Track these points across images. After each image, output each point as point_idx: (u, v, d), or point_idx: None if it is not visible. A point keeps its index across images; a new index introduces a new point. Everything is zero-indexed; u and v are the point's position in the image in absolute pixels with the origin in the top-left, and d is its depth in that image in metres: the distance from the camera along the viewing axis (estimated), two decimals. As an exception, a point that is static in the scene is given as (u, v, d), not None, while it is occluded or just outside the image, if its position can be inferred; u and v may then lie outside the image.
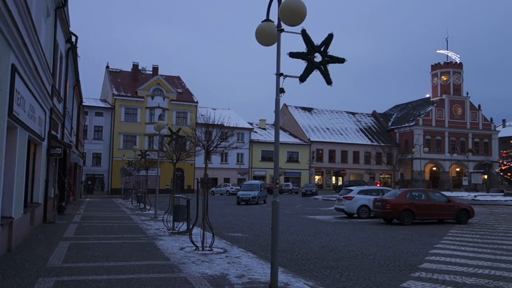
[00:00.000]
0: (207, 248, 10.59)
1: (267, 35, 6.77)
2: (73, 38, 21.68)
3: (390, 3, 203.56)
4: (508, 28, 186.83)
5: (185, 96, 61.33)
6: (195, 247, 10.73)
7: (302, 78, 6.78)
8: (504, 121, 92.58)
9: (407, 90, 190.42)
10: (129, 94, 57.65)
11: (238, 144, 52.08)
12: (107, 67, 63.10)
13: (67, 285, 7.07)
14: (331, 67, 6.97)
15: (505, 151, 63.33)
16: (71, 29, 21.20)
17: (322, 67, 6.86)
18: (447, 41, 79.82)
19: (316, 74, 7.04)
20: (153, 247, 11.21)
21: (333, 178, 71.21)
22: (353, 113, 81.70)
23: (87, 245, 11.49)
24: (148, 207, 24.95)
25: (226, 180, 61.49)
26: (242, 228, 17.07)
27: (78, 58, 24.86)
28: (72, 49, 22.23)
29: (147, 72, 64.59)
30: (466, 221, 18.96)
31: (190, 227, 12.25)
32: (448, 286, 7.59)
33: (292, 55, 6.86)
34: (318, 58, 6.91)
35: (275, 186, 6.85)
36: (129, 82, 60.72)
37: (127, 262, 9.16)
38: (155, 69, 63.10)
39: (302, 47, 6.97)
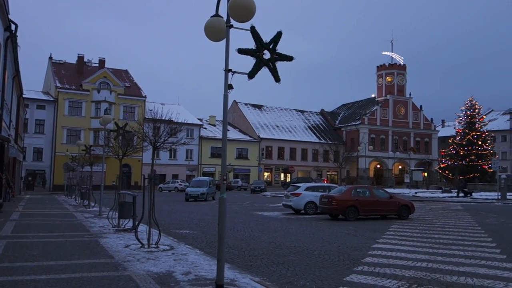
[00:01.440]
0: (153, 246, 10.42)
1: (216, 31, 6.73)
2: (13, 27, 20.60)
3: (340, 5, 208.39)
4: (447, 33, 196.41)
5: (133, 90, 59.91)
6: (140, 245, 10.52)
7: (251, 74, 6.79)
8: (443, 121, 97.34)
9: (354, 89, 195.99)
10: (73, 87, 55.56)
11: (187, 140, 51.51)
12: (50, 58, 60.44)
13: (2, 286, 6.72)
14: (280, 65, 7.03)
15: (443, 150, 66.57)
16: (11, 17, 20.13)
17: (270, 64, 6.90)
18: (392, 43, 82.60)
19: (266, 71, 7.09)
20: (96, 245, 10.89)
21: (282, 175, 72.08)
22: (302, 111, 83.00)
23: (26, 243, 10.98)
24: (92, 204, 24.19)
25: (175, 176, 60.72)
26: (190, 224, 16.92)
27: (18, 47, 23.66)
28: (12, 38, 21.13)
29: (93, 64, 62.46)
30: (407, 216, 19.76)
31: (136, 224, 12.00)
32: (388, 279, 7.88)
33: (241, 51, 6.85)
34: (267, 55, 6.94)
35: (222, 183, 6.82)
36: (73, 74, 58.49)
37: (68, 261, 8.84)
38: (102, 62, 61.10)
39: (251, 44, 6.99)
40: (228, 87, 6.75)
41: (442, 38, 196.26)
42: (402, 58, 79.05)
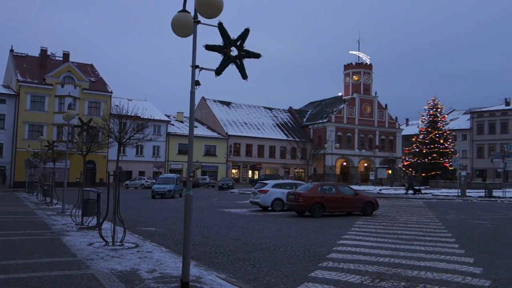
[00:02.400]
0: (117, 243, 10.26)
1: (183, 26, 6.67)
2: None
3: (308, 3, 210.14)
4: (412, 35, 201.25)
5: (99, 85, 58.66)
6: (105, 243, 10.34)
7: (218, 71, 6.78)
8: (407, 120, 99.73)
9: (322, 88, 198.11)
10: (36, 81, 53.90)
11: (154, 136, 50.91)
12: (11, 50, 58.40)
13: (-43, 287, 6.48)
14: (248, 62, 7.04)
15: (407, 148, 68.25)
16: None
17: (238, 61, 6.91)
18: (359, 42, 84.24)
19: (234, 68, 7.09)
20: (58, 243, 10.63)
21: (250, 172, 72.24)
22: (270, 109, 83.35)
23: (-17, 242, 10.61)
24: (55, 202, 23.57)
25: (141, 173, 59.91)
26: (156, 222, 16.75)
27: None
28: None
29: (57, 58, 60.77)
30: (371, 213, 20.16)
31: (100, 221, 11.78)
32: (352, 274, 8.04)
33: (208, 47, 6.83)
34: (234, 52, 6.94)
35: (188, 179, 6.79)
36: (36, 68, 56.72)
37: (28, 259, 8.60)
38: (66, 56, 59.44)
39: (219, 41, 6.98)
40: (195, 83, 6.72)
41: (407, 40, 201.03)
42: (368, 57, 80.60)
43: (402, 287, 7.23)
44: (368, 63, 79.74)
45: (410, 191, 39.49)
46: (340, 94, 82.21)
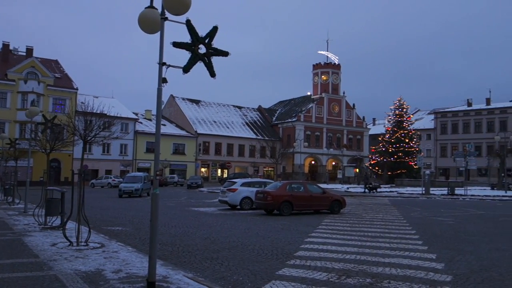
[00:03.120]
0: (82, 243, 10.03)
1: (150, 22, 6.57)
2: None
3: (277, 2, 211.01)
4: (379, 36, 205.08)
5: (64, 81, 57.17)
6: (69, 243, 10.09)
7: (186, 69, 6.72)
8: (374, 119, 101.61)
9: (291, 87, 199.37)
10: (-3, 77, 52.05)
11: (121, 134, 50.08)
12: (-29, 44, 56.25)
13: None
14: (218, 60, 7.01)
15: (374, 147, 69.56)
16: None
17: (206, 59, 6.85)
18: (327, 42, 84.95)
19: (203, 66, 7.03)
20: (20, 244, 10.31)
21: (219, 170, 72.02)
22: (240, 107, 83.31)
23: None
24: (17, 201, 22.83)
25: (108, 172, 58.80)
26: (123, 221, 16.48)
27: None
28: None
29: (20, 53, 58.89)
30: (338, 211, 20.45)
31: (64, 221, 11.50)
32: (319, 272, 8.13)
33: (176, 45, 6.74)
34: (202, 49, 6.89)
35: (155, 178, 6.71)
36: (-3, 63, 54.80)
37: (-13, 261, 8.29)
38: (29, 51, 57.66)
39: (187, 38, 6.91)
40: (162, 80, 6.63)
41: (374, 41, 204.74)
42: (337, 57, 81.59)
43: (368, 283, 7.36)
44: (337, 63, 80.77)
45: (366, 190, 40.22)
46: (309, 93, 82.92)
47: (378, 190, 41.30)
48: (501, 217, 19.59)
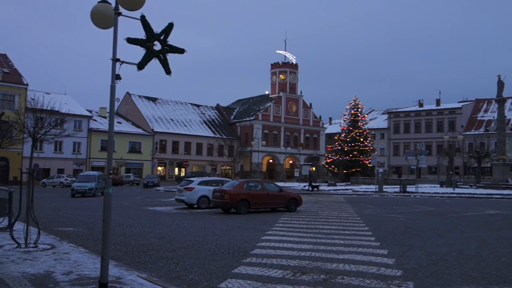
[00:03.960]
0: (31, 245, 9.66)
1: (103, 17, 6.41)
2: None
3: (236, 2, 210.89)
4: (336, 38, 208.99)
5: (13, 77, 54.77)
6: (16, 245, 9.69)
7: (140, 65, 6.60)
8: (330, 119, 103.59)
9: (249, 85, 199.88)
10: None
11: (74, 132, 48.56)
12: None
13: None
14: (176, 58, 6.92)
15: (330, 146, 70.86)
16: None
17: (161, 56, 6.76)
18: (285, 42, 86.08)
19: (159, 63, 6.92)
20: (-37, 247, 9.79)
21: (176, 169, 71.24)
22: (198, 105, 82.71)
23: None
24: (-39, 202, 21.68)
25: (60, 171, 56.85)
26: (75, 222, 16.00)
27: None
28: None
29: (-35, 46, 55.97)
30: (295, 209, 20.69)
31: (12, 222, 11.03)
32: (274, 269, 8.20)
33: (130, 41, 6.61)
34: (157, 46, 6.79)
35: (107, 177, 6.55)
36: None
37: None
38: (-25, 44, 54.94)
39: (143, 34, 6.78)
40: (116, 77, 6.48)
41: (331, 42, 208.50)
42: (294, 57, 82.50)
43: (322, 279, 7.49)
44: (294, 62, 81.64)
45: (310, 187, 40.96)
46: (267, 92, 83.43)
47: (320, 188, 42.30)
48: (449, 213, 20.42)
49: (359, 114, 67.19)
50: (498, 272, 8.17)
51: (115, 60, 6.39)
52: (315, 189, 40.51)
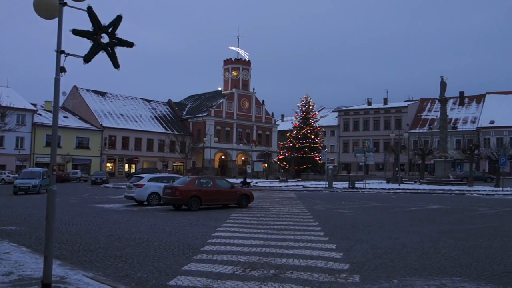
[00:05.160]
0: (-32, 245, 9.15)
1: (47, 7, 6.14)
2: None
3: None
4: (288, 37, 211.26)
5: (-51, 67, 51.56)
6: (-49, 245, 9.15)
7: (87, 58, 6.39)
8: (282, 116, 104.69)
9: (202, 81, 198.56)
10: None
11: (16, 126, 46.37)
12: None
13: None
14: (125, 52, 6.75)
15: (282, 143, 71.60)
16: None
17: (109, 49, 6.57)
18: (238, 38, 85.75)
19: (107, 57, 6.72)
20: None
21: (126, 165, 69.66)
22: (149, 101, 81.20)
23: None
24: None
25: (2, 167, 54.15)
26: (17, 220, 15.29)
27: None
28: None
29: None
30: (246, 205, 20.78)
31: None
32: (225, 265, 8.20)
33: (76, 32, 6.38)
34: (105, 39, 6.59)
35: (51, 173, 6.30)
36: None
37: None
38: None
39: (90, 26, 6.57)
40: (61, 70, 6.24)
41: (283, 41, 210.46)
42: (247, 54, 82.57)
43: (271, 275, 7.57)
44: (247, 59, 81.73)
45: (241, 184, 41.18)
46: (219, 88, 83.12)
47: (252, 184, 42.35)
48: (394, 208, 21.20)
49: (310, 112, 68.26)
50: (439, 264, 8.58)
51: (59, 52, 6.15)
52: (247, 185, 40.67)
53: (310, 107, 68.71)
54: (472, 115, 77.02)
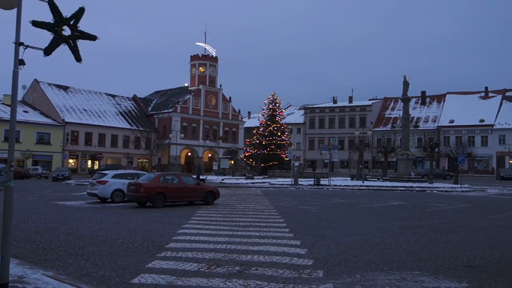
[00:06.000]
0: None
1: (5, -3, 5.92)
2: None
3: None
4: (255, 34, 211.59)
5: None
6: None
7: (47, 51, 6.21)
8: (249, 113, 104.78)
9: (168, 77, 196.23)
10: None
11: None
12: None
13: None
14: (88, 45, 6.60)
15: (248, 140, 71.68)
16: None
17: (71, 41, 6.40)
18: (205, 34, 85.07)
19: (68, 50, 6.55)
20: None
21: (89, 162, 68.07)
22: (113, 96, 79.53)
23: None
24: None
25: (-44, 163, 51.90)
26: (-27, 218, 14.71)
27: None
28: None
29: None
30: (212, 202, 20.70)
31: None
32: (189, 263, 8.16)
33: (36, 24, 6.19)
34: (67, 31, 6.42)
35: (9, 169, 6.09)
36: None
37: None
38: None
39: (51, 18, 6.38)
40: (19, 62, 6.05)
41: (250, 38, 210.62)
42: (214, 50, 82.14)
43: (236, 271, 7.59)
44: (214, 55, 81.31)
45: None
46: (186, 84, 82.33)
47: (205, 181, 42.21)
48: (358, 204, 21.62)
49: (277, 109, 68.55)
50: (399, 259, 8.81)
51: (18, 43, 5.96)
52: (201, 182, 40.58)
53: (277, 104, 68.99)
54: (433, 114, 79.41)
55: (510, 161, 69.88)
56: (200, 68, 79.20)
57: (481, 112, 74.09)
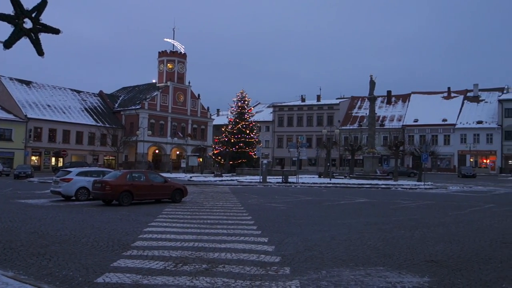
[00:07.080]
0: None
1: (-38, -13, 5.69)
2: None
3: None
4: (224, 32, 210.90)
5: None
6: None
7: (7, 44, 6.00)
8: (218, 110, 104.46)
9: (135, 73, 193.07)
10: None
11: None
12: None
13: None
14: (51, 39, 6.41)
15: (217, 137, 71.42)
16: None
17: (32, 35, 6.21)
18: (174, 30, 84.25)
19: (30, 43, 6.35)
20: None
21: (53, 159, 66.27)
22: (78, 91, 77.65)
23: None
24: None
25: None
26: None
27: None
28: None
29: None
30: (180, 199, 20.53)
31: None
32: (156, 261, 8.07)
33: (-4, 16, 5.97)
34: (28, 24, 6.22)
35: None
36: None
37: None
38: None
39: (11, 10, 6.16)
40: (-22, 55, 5.81)
41: (219, 35, 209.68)
42: (183, 47, 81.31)
43: (203, 269, 7.56)
44: (183, 52, 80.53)
45: None
46: (154, 81, 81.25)
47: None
48: (325, 202, 21.89)
49: (245, 107, 68.54)
50: (364, 255, 8.98)
51: (-24, 36, 5.72)
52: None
53: (246, 102, 68.99)
54: (398, 113, 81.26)
55: (471, 160, 72.34)
56: (168, 64, 78.29)
57: (444, 112, 76.34)
